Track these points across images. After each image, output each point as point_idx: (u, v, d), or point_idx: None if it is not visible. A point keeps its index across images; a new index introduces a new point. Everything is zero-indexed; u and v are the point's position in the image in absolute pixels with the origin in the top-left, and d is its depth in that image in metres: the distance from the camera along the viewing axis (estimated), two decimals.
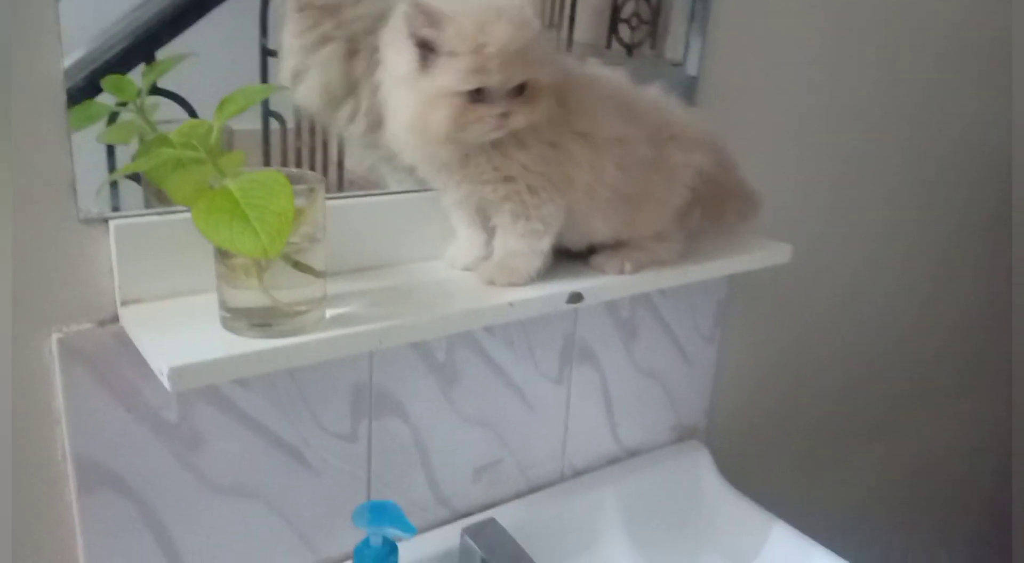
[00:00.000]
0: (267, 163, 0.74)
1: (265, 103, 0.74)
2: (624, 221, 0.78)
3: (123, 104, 0.66)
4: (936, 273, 1.49)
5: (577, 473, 1.04)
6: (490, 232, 0.78)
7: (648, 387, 1.08)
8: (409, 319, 0.67)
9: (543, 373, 0.95)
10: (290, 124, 0.75)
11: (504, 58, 0.65)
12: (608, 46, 0.96)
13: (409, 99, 0.68)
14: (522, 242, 0.75)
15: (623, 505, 1.03)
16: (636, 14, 0.96)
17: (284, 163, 0.75)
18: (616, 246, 0.81)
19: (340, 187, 0.78)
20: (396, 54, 0.68)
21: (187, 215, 0.65)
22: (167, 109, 0.68)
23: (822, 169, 1.21)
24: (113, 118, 0.66)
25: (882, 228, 1.35)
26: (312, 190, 0.61)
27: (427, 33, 0.65)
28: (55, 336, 0.64)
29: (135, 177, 0.66)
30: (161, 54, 0.67)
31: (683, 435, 1.14)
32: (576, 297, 0.76)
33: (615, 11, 0.95)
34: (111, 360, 0.66)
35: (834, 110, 1.18)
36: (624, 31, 0.96)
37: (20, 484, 0.67)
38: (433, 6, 0.65)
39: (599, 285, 0.78)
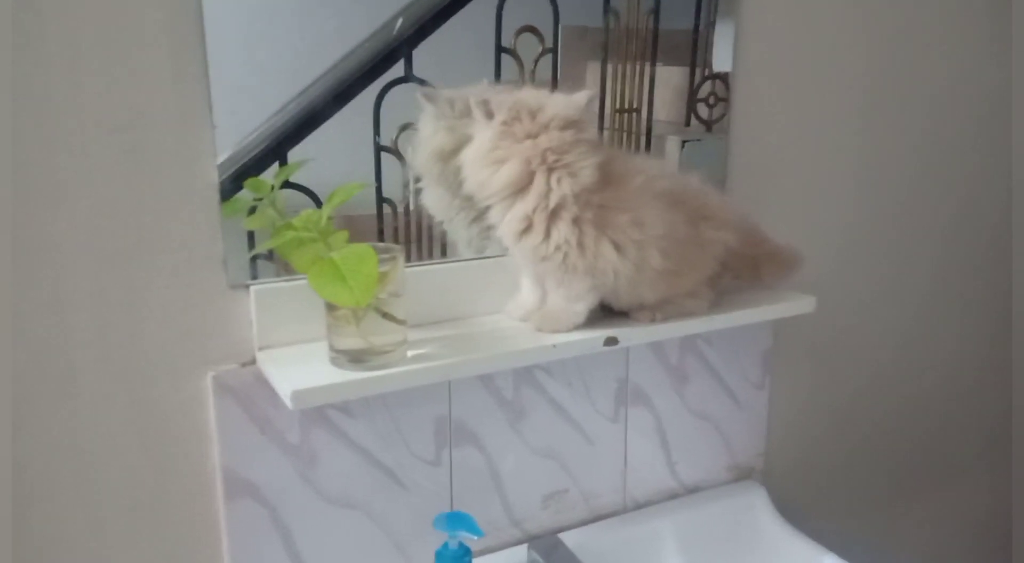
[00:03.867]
0: (381, 239, 0.92)
1: (379, 191, 0.91)
2: (668, 287, 0.93)
3: (259, 199, 0.89)
4: (992, 314, 1.54)
5: (638, 505, 1.17)
6: (544, 288, 0.96)
7: (703, 429, 1.20)
8: (471, 356, 0.85)
9: (600, 412, 1.10)
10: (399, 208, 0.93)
11: None
12: (688, 124, 1.07)
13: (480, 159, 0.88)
14: (562, 303, 0.92)
15: (682, 537, 1.14)
16: (713, 93, 1.07)
17: (396, 238, 0.93)
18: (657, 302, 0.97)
19: (431, 254, 0.97)
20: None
21: (306, 281, 0.87)
22: (296, 199, 0.87)
23: (863, 223, 1.32)
24: (252, 210, 0.89)
25: (928, 275, 1.42)
26: (394, 258, 0.81)
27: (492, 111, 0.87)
28: (210, 374, 0.86)
29: (268, 253, 0.89)
30: (293, 153, 0.84)
31: (740, 475, 1.25)
32: (611, 340, 0.92)
33: (692, 92, 1.06)
34: (250, 393, 0.87)
35: (868, 165, 1.30)
36: (702, 109, 1.07)
37: (178, 493, 0.88)
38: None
39: (632, 331, 0.94)
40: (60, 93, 0.74)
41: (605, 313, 0.96)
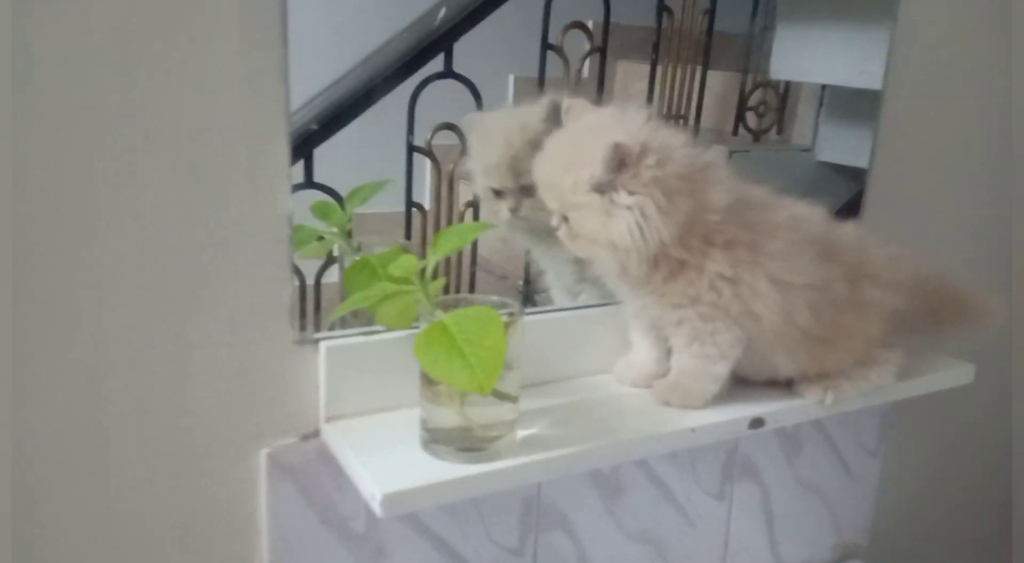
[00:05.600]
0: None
1: (409, 194, 0.80)
2: (810, 358, 0.76)
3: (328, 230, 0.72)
4: None
5: None
6: (665, 348, 0.78)
7: (810, 503, 1.04)
8: (595, 444, 0.68)
9: (704, 488, 0.94)
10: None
11: None
12: (735, 133, 0.98)
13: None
14: (697, 364, 0.75)
15: None
16: (763, 102, 0.98)
17: (423, 243, 0.81)
18: (821, 374, 0.79)
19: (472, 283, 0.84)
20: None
21: (389, 336, 0.69)
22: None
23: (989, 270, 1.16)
24: (319, 239, 0.72)
25: None
26: (513, 321, 0.64)
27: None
28: (264, 450, 0.68)
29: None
30: (317, 151, 0.73)
31: (845, 554, 1.09)
32: (758, 422, 0.75)
33: (742, 99, 0.97)
34: (312, 472, 0.69)
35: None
36: (751, 118, 0.98)
37: None
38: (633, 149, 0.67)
39: (780, 409, 0.77)
40: (102, 96, 0.56)
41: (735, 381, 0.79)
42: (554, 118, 0.75)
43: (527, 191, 0.77)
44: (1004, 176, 1.14)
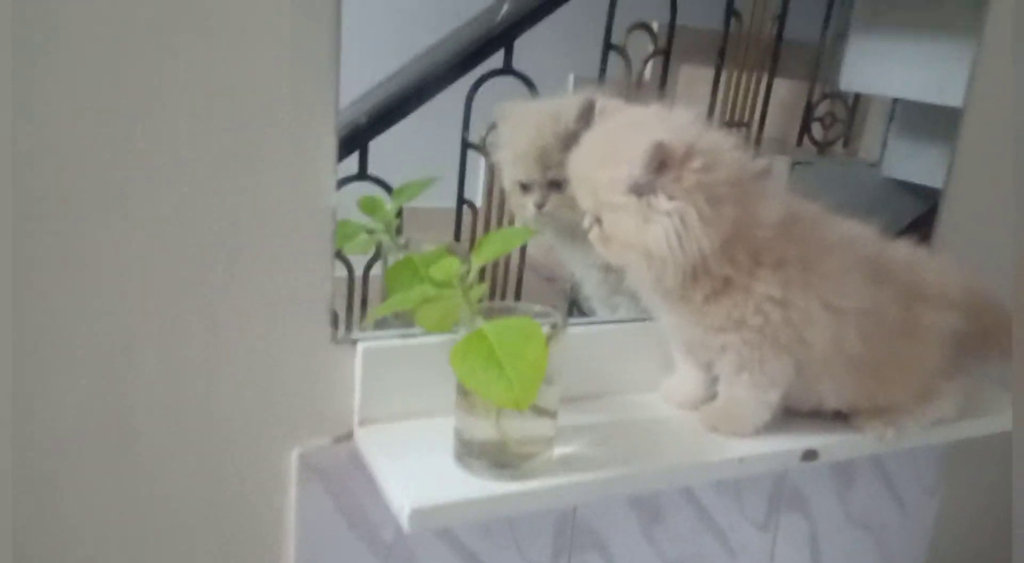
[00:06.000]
0: (457, 239, 0.79)
1: (461, 191, 0.78)
2: (860, 389, 0.71)
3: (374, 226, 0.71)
4: None
5: None
6: (709, 371, 0.74)
7: (860, 541, 0.98)
8: (635, 468, 0.65)
9: (749, 518, 0.89)
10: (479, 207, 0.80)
11: None
12: (799, 144, 0.94)
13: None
14: (747, 393, 0.71)
15: None
16: (831, 113, 0.95)
17: (472, 242, 0.79)
18: (880, 408, 0.74)
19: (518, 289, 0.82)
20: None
21: (428, 339, 0.67)
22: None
23: None
24: (368, 233, 0.71)
25: None
26: (555, 332, 0.61)
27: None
28: (296, 451, 0.66)
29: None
30: (373, 144, 0.72)
31: None
32: (811, 455, 0.71)
33: (809, 109, 0.94)
34: (343, 476, 0.68)
35: None
36: (816, 129, 0.95)
37: None
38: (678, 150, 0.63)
39: (835, 442, 0.72)
40: (148, 65, 0.55)
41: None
42: (587, 118, 0.71)
43: (556, 186, 0.74)
44: None
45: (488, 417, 0.60)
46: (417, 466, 0.62)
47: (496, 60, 0.76)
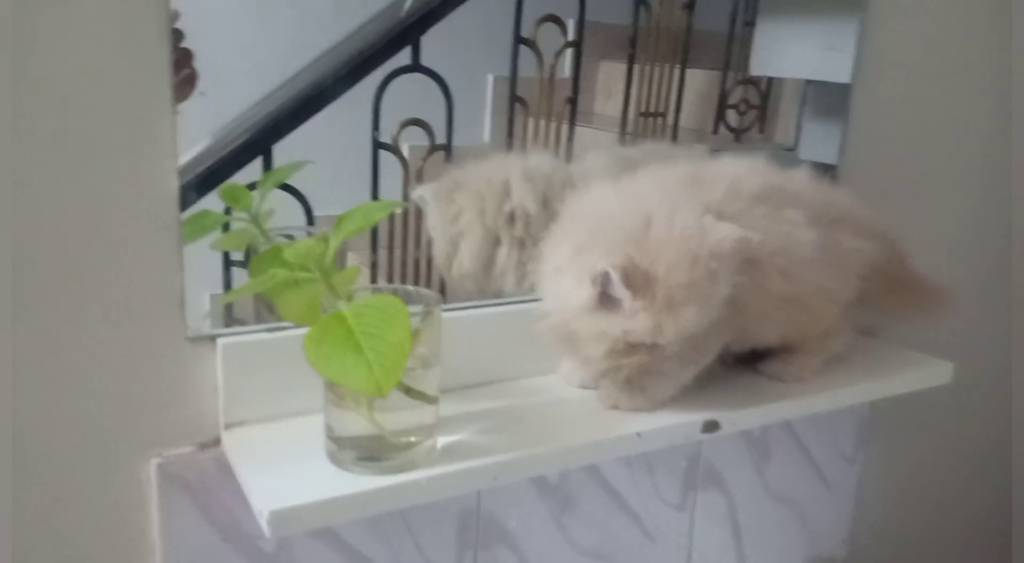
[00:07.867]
0: (373, 249, 0.74)
1: (374, 192, 0.74)
2: (795, 323, 0.70)
3: (237, 214, 0.65)
4: None
5: None
6: None
7: (781, 514, 0.96)
8: (526, 452, 0.60)
9: (664, 498, 0.86)
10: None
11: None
12: (715, 131, 0.94)
13: (568, 316, 0.63)
14: (659, 366, 0.67)
15: None
16: (745, 99, 0.94)
17: (390, 251, 0.74)
18: (784, 351, 0.73)
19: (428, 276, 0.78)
20: (571, 281, 0.62)
21: (296, 332, 0.61)
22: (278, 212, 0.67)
23: (981, 272, 1.09)
24: (226, 227, 0.65)
25: None
26: (429, 312, 0.56)
27: (620, 293, 0.59)
28: (154, 461, 0.60)
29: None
30: (278, 147, 0.68)
31: None
32: (712, 426, 0.68)
33: (723, 97, 0.93)
34: (211, 486, 0.62)
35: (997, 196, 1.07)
36: (732, 116, 0.94)
37: None
38: (640, 272, 0.59)
39: (738, 413, 0.69)
40: None
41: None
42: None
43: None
44: (988, 174, 1.07)
45: (359, 409, 0.56)
46: (286, 468, 0.56)
47: (404, 57, 0.74)
